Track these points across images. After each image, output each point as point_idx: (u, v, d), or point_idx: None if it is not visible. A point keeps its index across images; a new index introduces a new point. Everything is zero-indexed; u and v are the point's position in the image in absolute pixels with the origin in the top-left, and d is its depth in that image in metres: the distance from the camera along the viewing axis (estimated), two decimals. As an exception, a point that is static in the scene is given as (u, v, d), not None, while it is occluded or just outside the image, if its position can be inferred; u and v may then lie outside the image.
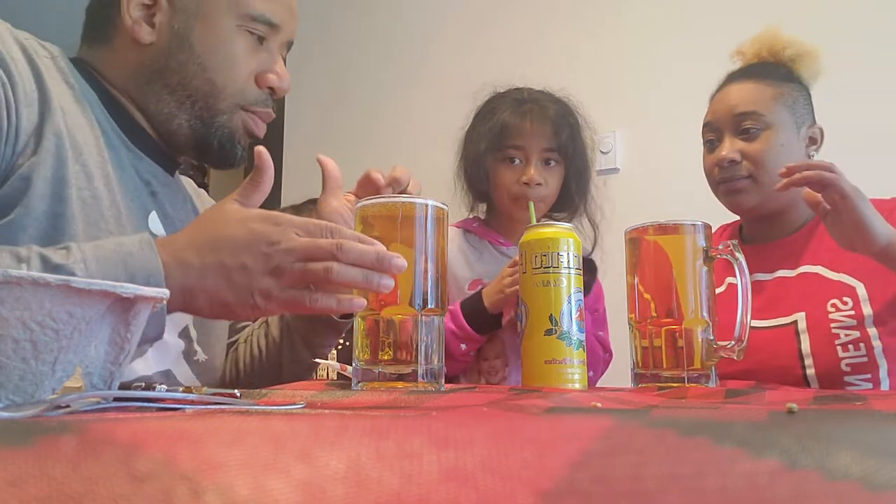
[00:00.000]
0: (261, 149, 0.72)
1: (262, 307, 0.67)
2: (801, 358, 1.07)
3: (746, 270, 0.83)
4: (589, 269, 1.14)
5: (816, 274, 1.13)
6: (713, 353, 0.82)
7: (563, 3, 2.35)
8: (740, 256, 0.83)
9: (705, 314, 0.83)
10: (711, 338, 0.83)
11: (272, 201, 1.53)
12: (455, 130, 1.51)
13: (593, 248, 1.30)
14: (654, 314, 0.85)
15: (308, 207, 1.43)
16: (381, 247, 0.67)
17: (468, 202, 1.34)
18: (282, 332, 1.00)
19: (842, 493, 0.17)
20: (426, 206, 0.74)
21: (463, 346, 1.16)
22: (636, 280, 0.87)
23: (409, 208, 0.74)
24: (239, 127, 0.85)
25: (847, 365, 1.05)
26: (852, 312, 1.06)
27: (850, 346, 1.05)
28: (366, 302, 0.68)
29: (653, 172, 2.04)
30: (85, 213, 0.73)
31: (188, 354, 0.89)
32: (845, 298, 1.08)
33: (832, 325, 1.06)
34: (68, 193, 0.71)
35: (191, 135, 0.84)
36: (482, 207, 1.37)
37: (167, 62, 0.82)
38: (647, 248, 0.88)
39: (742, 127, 1.16)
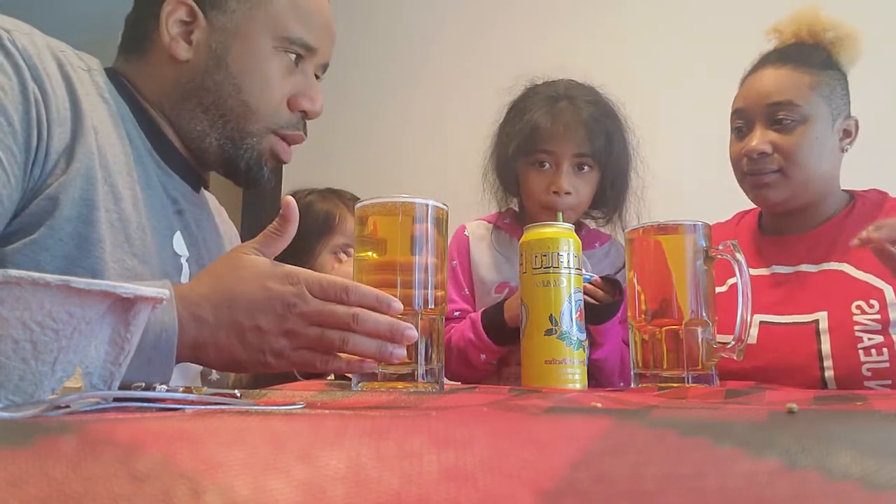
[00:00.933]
0: (289, 199, 0.72)
1: (273, 364, 0.69)
2: (821, 359, 1.03)
3: (747, 270, 0.83)
4: (618, 290, 1.06)
5: (842, 272, 1.08)
6: (713, 353, 0.83)
7: (562, 4, 2.35)
8: (740, 256, 0.82)
9: (705, 314, 0.83)
10: (711, 338, 0.83)
11: (272, 201, 1.52)
12: (455, 130, 1.51)
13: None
14: (655, 314, 0.85)
15: (327, 196, 1.41)
16: (395, 302, 0.67)
17: (499, 197, 1.28)
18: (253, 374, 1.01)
19: (842, 493, 0.17)
20: (426, 206, 0.74)
21: (483, 357, 1.13)
22: (636, 280, 0.87)
23: (409, 208, 0.74)
24: (267, 150, 0.85)
25: (868, 370, 1.00)
26: (878, 316, 1.01)
27: (873, 351, 1.00)
28: (376, 365, 0.70)
29: (652, 173, 2.04)
30: (112, 235, 0.73)
31: (205, 374, 0.91)
32: (872, 301, 1.03)
33: (856, 327, 1.02)
34: (96, 217, 0.71)
35: (220, 154, 0.84)
36: (515, 201, 1.31)
37: (203, 81, 0.81)
38: (647, 248, 0.88)
39: (776, 117, 1.09)
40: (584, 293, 0.93)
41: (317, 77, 0.88)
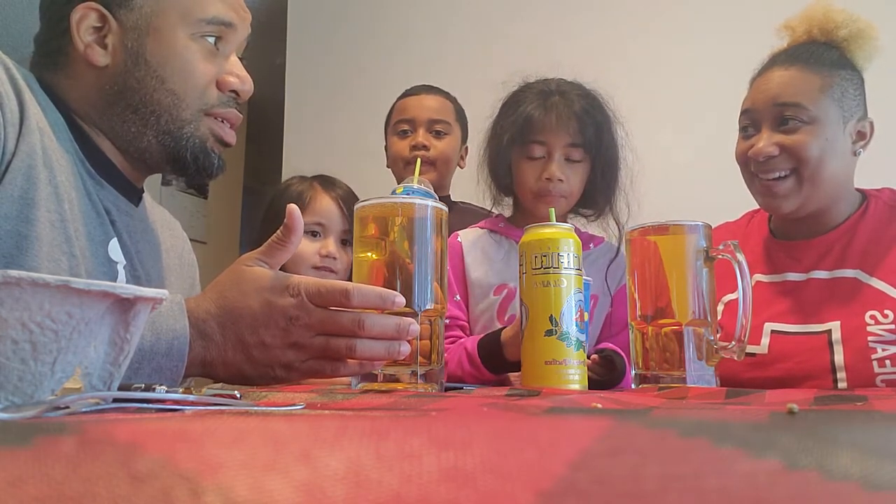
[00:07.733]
0: (293, 207, 0.72)
1: (283, 377, 0.70)
2: (834, 371, 1.00)
3: (748, 272, 0.82)
4: (616, 366, 1.04)
5: (855, 279, 1.05)
6: (713, 353, 0.83)
7: (562, 5, 2.35)
8: (741, 257, 0.82)
9: (705, 314, 0.83)
10: (712, 338, 0.83)
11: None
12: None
13: (618, 253, 1.26)
14: (655, 314, 0.85)
15: (304, 179, 1.44)
16: (399, 297, 0.69)
17: (492, 196, 1.30)
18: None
19: (841, 493, 0.17)
20: (426, 206, 0.74)
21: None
22: (637, 281, 0.87)
23: (409, 209, 0.74)
24: (207, 135, 0.84)
25: (882, 381, 0.97)
26: (892, 326, 0.98)
27: (888, 362, 0.97)
28: (382, 364, 0.71)
29: (652, 173, 2.04)
30: (51, 235, 0.72)
31: None
32: (886, 311, 1.00)
33: (869, 338, 0.99)
34: (36, 215, 0.70)
35: (162, 150, 0.83)
36: (506, 203, 1.33)
37: (126, 81, 0.80)
38: (647, 248, 0.88)
39: (783, 118, 1.05)
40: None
41: (240, 60, 0.87)
